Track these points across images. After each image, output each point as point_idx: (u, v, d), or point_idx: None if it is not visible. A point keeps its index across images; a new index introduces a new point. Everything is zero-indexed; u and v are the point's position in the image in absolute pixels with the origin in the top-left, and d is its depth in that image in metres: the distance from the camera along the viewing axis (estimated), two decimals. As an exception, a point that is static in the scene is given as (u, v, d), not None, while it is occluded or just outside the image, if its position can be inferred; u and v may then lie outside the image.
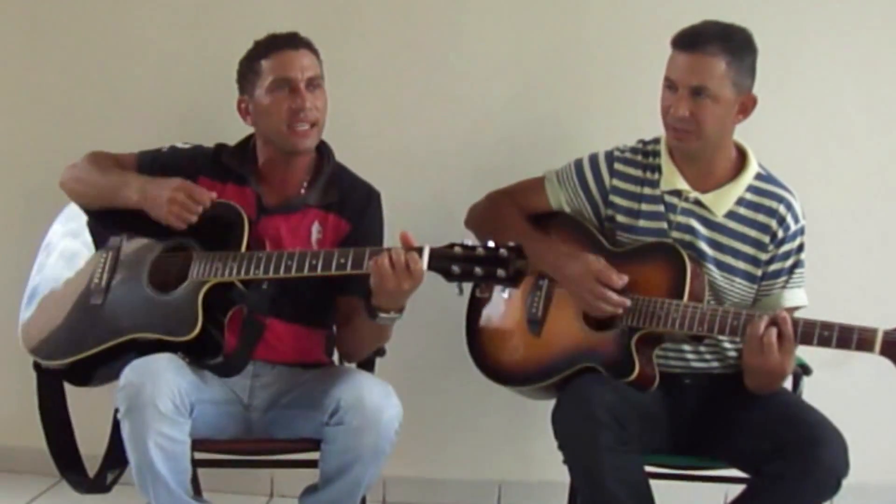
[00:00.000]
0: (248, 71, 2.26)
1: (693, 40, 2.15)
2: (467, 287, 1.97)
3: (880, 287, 2.76)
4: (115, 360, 2.10)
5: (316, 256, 2.06)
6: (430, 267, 1.96)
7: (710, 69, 2.13)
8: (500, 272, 1.91)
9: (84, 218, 2.38)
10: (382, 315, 2.07)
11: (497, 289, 2.40)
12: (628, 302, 2.16)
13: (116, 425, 2.06)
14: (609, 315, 2.18)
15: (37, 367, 2.32)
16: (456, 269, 1.93)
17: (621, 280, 2.17)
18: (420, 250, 1.97)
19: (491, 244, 1.93)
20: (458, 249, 1.94)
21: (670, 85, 2.18)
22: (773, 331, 2.03)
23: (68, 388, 2.34)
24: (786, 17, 2.71)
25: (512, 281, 1.92)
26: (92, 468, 2.33)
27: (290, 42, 2.24)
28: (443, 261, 1.94)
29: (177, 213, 2.16)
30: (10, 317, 2.45)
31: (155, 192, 2.19)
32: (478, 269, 1.92)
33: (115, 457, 2.11)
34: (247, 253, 2.13)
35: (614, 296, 2.16)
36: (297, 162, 2.29)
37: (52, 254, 2.39)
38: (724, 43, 2.14)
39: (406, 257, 1.96)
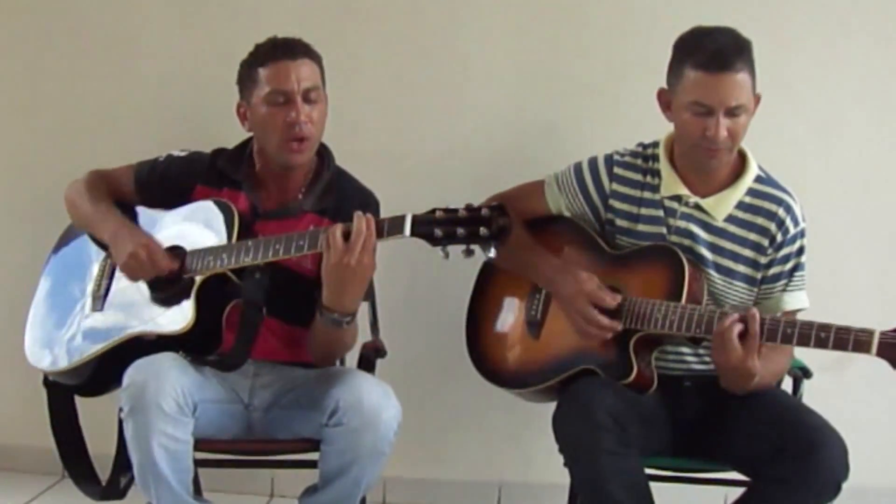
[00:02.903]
0: (246, 77, 2.25)
1: (722, 61, 2.09)
2: (453, 251, 1.95)
3: (880, 289, 2.76)
4: (120, 365, 2.10)
5: (302, 237, 2.07)
6: (413, 233, 1.95)
7: (742, 86, 2.10)
8: (483, 231, 1.91)
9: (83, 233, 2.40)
10: (327, 315, 2.07)
11: (505, 301, 2.41)
12: (619, 326, 2.15)
13: (123, 430, 2.07)
14: (599, 339, 2.18)
15: (46, 382, 2.33)
16: (439, 232, 1.93)
17: (614, 300, 2.16)
18: (402, 217, 1.97)
19: (473, 205, 1.94)
20: (439, 213, 1.94)
21: (705, 110, 2.11)
22: (737, 328, 2.03)
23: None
24: (785, 17, 2.71)
25: (495, 238, 1.92)
26: (98, 467, 2.34)
27: (288, 51, 2.21)
28: (425, 225, 1.94)
29: (132, 267, 2.17)
30: (11, 317, 2.47)
31: (122, 240, 2.20)
32: (460, 230, 1.92)
33: (126, 460, 2.10)
34: (235, 243, 2.14)
35: (604, 320, 2.15)
36: (295, 168, 2.28)
37: (55, 270, 2.42)
38: (744, 55, 2.12)
39: (366, 219, 1.98)
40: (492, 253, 1.94)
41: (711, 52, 2.10)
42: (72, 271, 2.38)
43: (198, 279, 2.14)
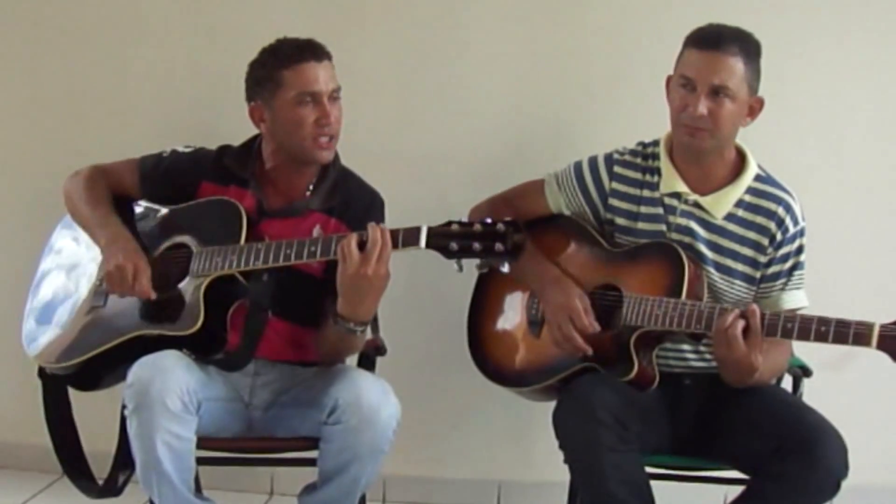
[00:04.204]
0: (265, 79, 2.22)
1: (715, 40, 2.14)
2: (467, 264, 1.97)
3: (880, 286, 2.76)
4: (120, 361, 2.10)
5: (314, 243, 2.07)
6: (428, 245, 1.96)
7: (731, 69, 2.13)
8: (499, 246, 1.92)
9: None
10: (342, 323, 2.07)
11: (506, 299, 2.41)
12: (590, 351, 2.17)
13: (125, 426, 2.07)
14: (567, 354, 2.20)
15: (41, 374, 2.32)
16: (454, 245, 1.94)
17: (592, 327, 2.17)
18: (418, 229, 1.97)
19: (488, 220, 1.95)
20: (455, 226, 1.95)
21: (687, 83, 2.16)
22: (740, 324, 2.03)
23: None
24: (788, 18, 2.71)
25: (510, 254, 1.93)
26: (95, 465, 2.33)
27: (314, 53, 2.21)
28: (441, 238, 1.95)
29: (114, 279, 2.15)
30: (11, 314, 2.47)
31: (115, 251, 2.18)
32: (476, 245, 1.93)
33: (126, 458, 2.11)
34: (245, 245, 2.13)
35: (578, 340, 2.17)
36: (306, 168, 2.28)
37: (54, 261, 2.41)
38: (743, 44, 2.15)
39: (381, 230, 1.98)
40: (505, 268, 1.95)
41: (707, 32, 2.16)
42: (71, 264, 2.37)
43: (205, 281, 2.13)
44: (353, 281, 2.00)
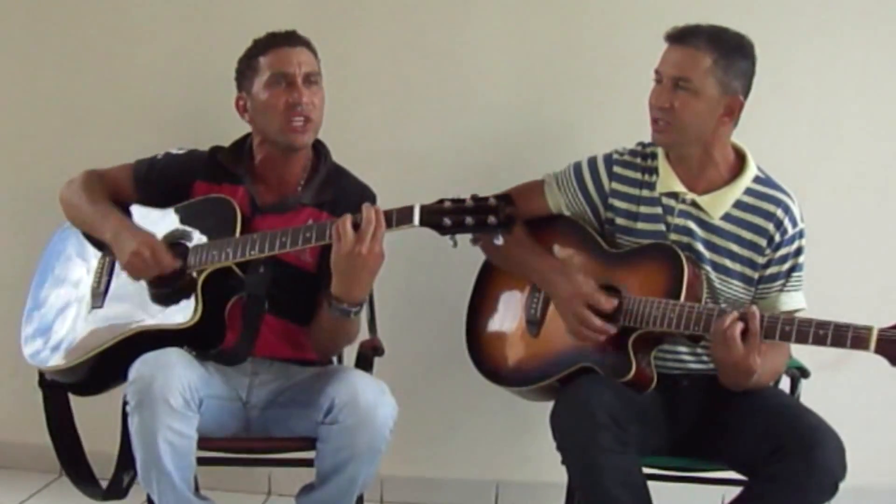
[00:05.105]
0: (246, 68, 2.28)
1: (682, 34, 2.17)
2: (461, 240, 1.98)
3: (878, 289, 2.76)
4: (121, 361, 2.10)
5: (309, 230, 2.08)
6: (421, 222, 1.97)
7: (693, 62, 2.14)
8: (491, 219, 1.93)
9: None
10: (336, 305, 2.07)
11: (505, 299, 2.41)
12: (613, 329, 2.16)
13: (127, 427, 2.06)
14: (592, 342, 2.18)
15: (42, 383, 2.32)
16: (447, 221, 1.95)
17: (610, 304, 2.16)
18: (411, 208, 1.98)
19: (479, 195, 1.96)
20: (447, 203, 1.97)
21: (658, 78, 2.20)
22: (739, 325, 2.03)
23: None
24: (785, 18, 2.71)
25: (503, 227, 1.94)
26: (97, 466, 2.34)
27: (288, 39, 2.27)
28: (434, 215, 1.96)
29: (136, 266, 2.16)
30: (9, 314, 2.46)
31: (124, 240, 2.19)
32: (469, 219, 1.94)
33: (129, 458, 2.10)
34: (240, 237, 2.15)
35: (598, 322, 2.16)
36: (294, 160, 2.30)
37: (57, 276, 2.41)
38: (713, 40, 2.15)
39: (375, 209, 1.99)
40: (499, 241, 1.96)
41: (677, 28, 2.19)
42: (69, 268, 2.38)
43: (202, 274, 2.14)
44: (348, 260, 2.01)
